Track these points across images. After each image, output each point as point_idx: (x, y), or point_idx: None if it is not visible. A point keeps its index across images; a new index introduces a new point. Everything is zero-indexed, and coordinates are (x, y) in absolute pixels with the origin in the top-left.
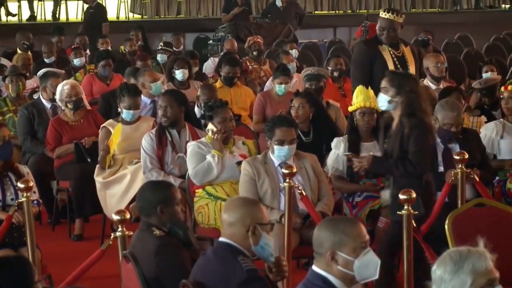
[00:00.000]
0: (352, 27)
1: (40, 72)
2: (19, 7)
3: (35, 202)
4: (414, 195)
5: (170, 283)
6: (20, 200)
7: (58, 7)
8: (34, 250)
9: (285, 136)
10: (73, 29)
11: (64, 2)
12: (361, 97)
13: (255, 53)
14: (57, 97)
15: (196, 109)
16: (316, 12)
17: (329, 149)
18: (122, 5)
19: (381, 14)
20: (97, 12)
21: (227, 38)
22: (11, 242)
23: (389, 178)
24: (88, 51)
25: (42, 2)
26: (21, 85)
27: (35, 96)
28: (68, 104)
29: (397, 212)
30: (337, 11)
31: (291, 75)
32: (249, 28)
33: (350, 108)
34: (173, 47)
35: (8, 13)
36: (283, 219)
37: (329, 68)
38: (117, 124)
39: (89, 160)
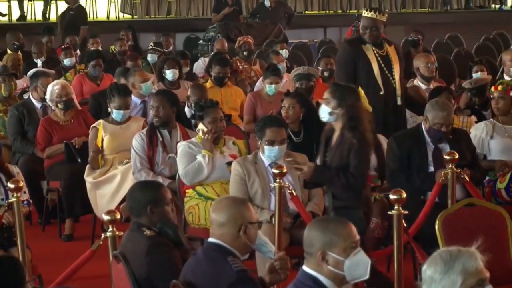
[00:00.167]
0: (343, 27)
1: (30, 72)
2: (9, 7)
3: (25, 202)
4: (404, 195)
5: (161, 283)
6: (10, 200)
7: (48, 7)
8: (24, 250)
9: (276, 136)
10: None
11: (54, 2)
12: None
13: (245, 53)
14: (47, 97)
15: (186, 109)
16: (307, 12)
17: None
18: (112, 5)
19: (364, 13)
20: (76, 14)
21: (218, 38)
22: (1, 242)
23: (328, 191)
24: (78, 51)
25: (32, 2)
26: (13, 85)
27: (25, 96)
28: (59, 104)
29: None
30: (327, 11)
31: (281, 75)
32: (240, 28)
33: None
34: (163, 48)
35: None
36: (273, 219)
37: (319, 68)
38: (107, 125)
39: (79, 160)
